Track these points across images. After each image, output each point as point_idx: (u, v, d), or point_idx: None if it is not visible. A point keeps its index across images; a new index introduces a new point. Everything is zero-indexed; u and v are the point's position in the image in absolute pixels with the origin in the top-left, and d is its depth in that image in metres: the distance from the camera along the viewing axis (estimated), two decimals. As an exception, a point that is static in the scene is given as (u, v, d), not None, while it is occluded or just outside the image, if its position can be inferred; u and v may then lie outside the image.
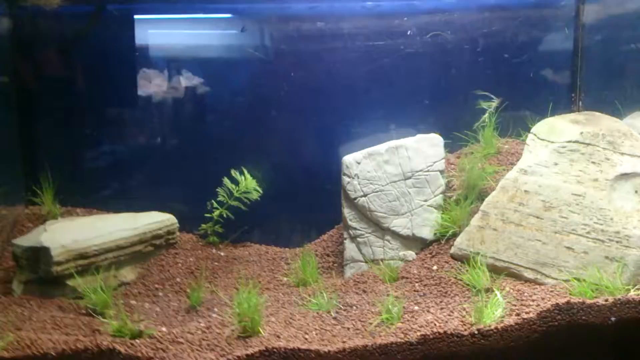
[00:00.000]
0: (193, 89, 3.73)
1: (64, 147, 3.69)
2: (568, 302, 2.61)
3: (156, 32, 3.72)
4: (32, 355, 2.56)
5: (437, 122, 3.56)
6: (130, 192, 3.73)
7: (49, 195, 3.58)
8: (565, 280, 2.80)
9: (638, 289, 2.67)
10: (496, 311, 2.66)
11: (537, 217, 2.92)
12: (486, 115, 3.41)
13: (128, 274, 3.36)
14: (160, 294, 3.26)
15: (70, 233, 3.25)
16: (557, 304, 2.62)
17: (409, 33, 3.58)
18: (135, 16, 3.61)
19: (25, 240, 3.21)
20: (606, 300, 2.62)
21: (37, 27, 3.64)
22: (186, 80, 3.70)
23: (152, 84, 3.71)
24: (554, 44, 3.60)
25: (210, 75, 3.68)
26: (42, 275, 3.11)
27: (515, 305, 2.72)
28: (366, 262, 3.29)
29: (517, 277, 2.93)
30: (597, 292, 2.70)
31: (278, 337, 2.69)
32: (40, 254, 3.11)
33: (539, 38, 3.60)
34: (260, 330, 2.72)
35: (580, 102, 3.53)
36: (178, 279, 3.37)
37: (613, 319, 2.59)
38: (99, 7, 3.54)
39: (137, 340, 2.67)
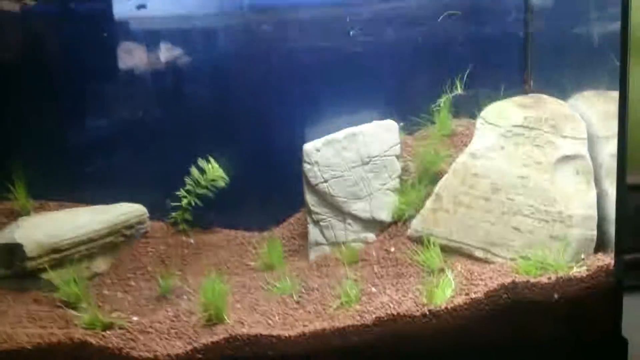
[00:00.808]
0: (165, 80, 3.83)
1: (33, 142, 3.77)
2: (513, 281, 2.78)
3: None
4: (9, 350, 2.71)
5: (396, 106, 3.65)
6: (102, 183, 3.80)
7: (22, 190, 3.67)
8: (513, 259, 2.96)
9: (580, 267, 2.84)
10: (447, 291, 2.82)
11: (486, 199, 3.06)
12: (442, 98, 3.51)
13: (101, 264, 3.49)
14: (132, 283, 3.40)
15: (43, 228, 3.36)
16: (503, 283, 2.78)
17: (367, 20, 3.66)
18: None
19: (-1, 237, 3.34)
20: (549, 278, 2.79)
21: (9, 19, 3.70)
22: (163, 56, 3.76)
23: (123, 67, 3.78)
24: (505, 27, 3.67)
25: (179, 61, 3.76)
26: (17, 271, 3.23)
27: (465, 285, 2.87)
28: (329, 245, 3.44)
29: (468, 256, 3.09)
30: (543, 270, 2.85)
31: (242, 323, 2.84)
32: (13, 249, 3.22)
33: (490, 21, 3.68)
34: (225, 317, 2.88)
35: (532, 82, 3.63)
36: (149, 268, 3.51)
37: (556, 296, 2.77)
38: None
39: (107, 332, 2.82)
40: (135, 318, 2.97)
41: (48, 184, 3.74)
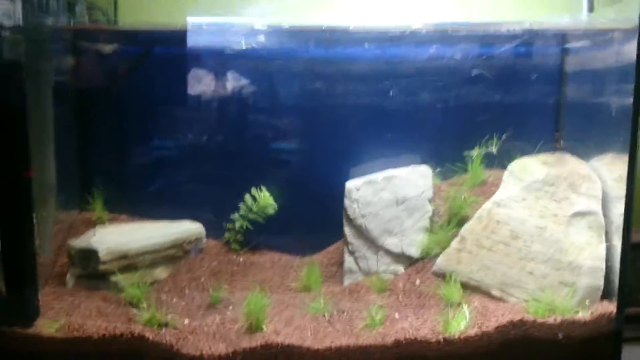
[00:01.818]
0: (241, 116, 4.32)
1: (111, 163, 4.32)
2: (521, 319, 3.08)
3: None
4: (79, 337, 3.15)
5: (435, 154, 4.03)
6: (168, 203, 4.29)
7: (99, 203, 4.22)
8: (526, 300, 3.25)
9: (585, 312, 3.10)
10: (461, 323, 3.14)
11: (505, 244, 3.38)
12: (475, 150, 3.87)
13: (161, 273, 3.95)
14: (187, 291, 3.83)
15: (115, 237, 3.86)
16: (512, 320, 3.09)
17: (414, 75, 4.08)
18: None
19: (78, 242, 3.81)
20: (555, 319, 3.07)
21: (97, 62, 4.32)
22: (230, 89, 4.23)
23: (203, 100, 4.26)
24: (541, 89, 4.04)
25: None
26: (91, 272, 3.71)
27: (479, 319, 3.18)
28: (362, 274, 3.80)
29: (486, 294, 3.39)
30: (551, 312, 3.14)
31: (278, 334, 3.22)
32: (89, 254, 3.70)
33: (528, 84, 4.05)
34: (264, 327, 3.27)
35: (562, 142, 3.96)
36: (202, 279, 3.93)
37: (560, 336, 3.05)
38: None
39: (163, 330, 3.26)
40: (186, 321, 3.39)
41: (122, 199, 4.27)
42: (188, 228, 4.14)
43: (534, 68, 4.10)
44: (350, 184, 3.83)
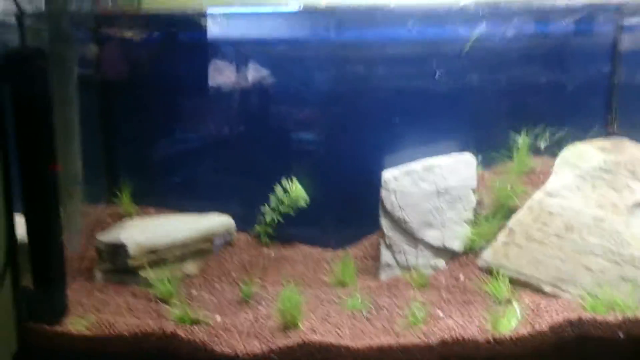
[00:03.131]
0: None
1: (139, 154, 4.20)
2: (579, 317, 2.85)
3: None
4: (110, 335, 3.05)
5: (476, 140, 3.79)
6: (196, 195, 4.17)
7: (126, 196, 4.10)
8: (581, 297, 3.02)
9: (649, 309, 2.86)
10: (512, 321, 2.92)
11: (559, 237, 3.14)
12: (523, 136, 3.63)
13: (191, 267, 3.82)
14: (218, 286, 3.70)
15: (144, 231, 3.74)
16: (569, 318, 2.86)
17: (454, 56, 3.85)
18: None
19: (106, 236, 3.71)
20: (615, 317, 2.83)
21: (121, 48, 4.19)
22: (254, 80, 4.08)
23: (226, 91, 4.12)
24: (592, 70, 3.78)
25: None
26: (120, 267, 3.60)
27: (530, 317, 2.96)
28: (399, 268, 3.60)
29: (536, 290, 3.16)
30: (610, 310, 2.91)
31: (314, 331, 3.05)
32: (118, 248, 3.60)
33: (578, 63, 3.79)
34: (300, 324, 3.11)
35: (616, 125, 3.69)
36: (233, 274, 3.80)
37: (622, 335, 2.81)
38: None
39: (195, 327, 3.13)
40: (218, 317, 3.26)
41: (149, 192, 4.14)
42: (217, 220, 4.00)
43: (585, 47, 3.84)
44: (387, 174, 3.63)
